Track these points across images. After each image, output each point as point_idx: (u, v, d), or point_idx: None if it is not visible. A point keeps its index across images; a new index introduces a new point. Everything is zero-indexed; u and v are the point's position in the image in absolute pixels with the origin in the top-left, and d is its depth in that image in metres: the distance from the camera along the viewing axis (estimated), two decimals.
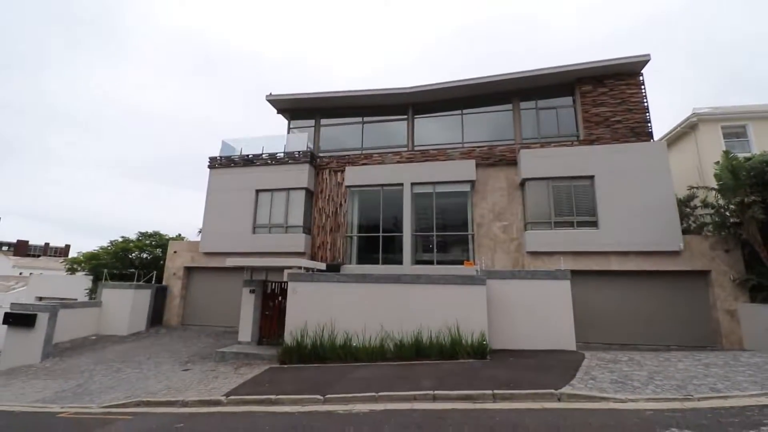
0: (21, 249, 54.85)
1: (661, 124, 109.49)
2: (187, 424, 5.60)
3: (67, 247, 64.02)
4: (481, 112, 15.29)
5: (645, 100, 13.69)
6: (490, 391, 5.98)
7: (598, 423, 4.63)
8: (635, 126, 13.50)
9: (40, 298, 17.17)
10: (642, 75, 13.73)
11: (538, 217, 13.03)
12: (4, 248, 56.32)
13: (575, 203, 12.82)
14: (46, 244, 63.95)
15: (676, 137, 16.29)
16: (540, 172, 13.14)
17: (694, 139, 15.49)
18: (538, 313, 9.71)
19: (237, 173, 15.93)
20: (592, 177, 12.73)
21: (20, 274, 33.58)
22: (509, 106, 14.92)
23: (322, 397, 6.47)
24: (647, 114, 13.60)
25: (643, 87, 13.67)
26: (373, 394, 6.33)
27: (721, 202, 12.06)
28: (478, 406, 5.64)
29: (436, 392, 6.13)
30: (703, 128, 15.04)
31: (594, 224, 12.48)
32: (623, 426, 4.46)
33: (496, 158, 14.16)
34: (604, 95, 13.82)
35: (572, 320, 9.67)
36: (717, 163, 11.68)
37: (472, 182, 13.95)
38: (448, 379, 6.90)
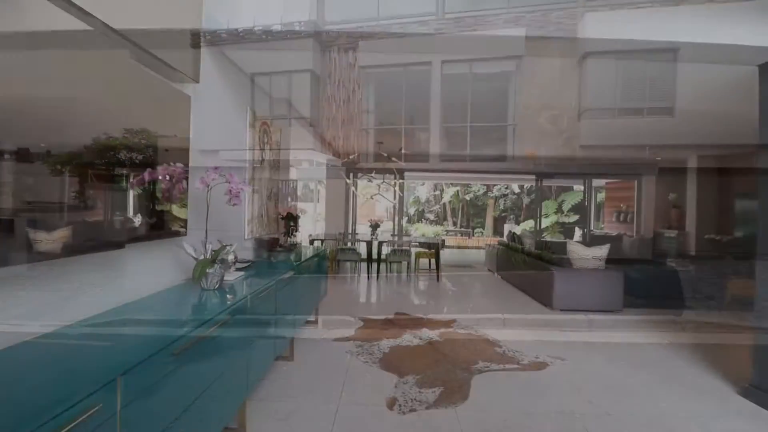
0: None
1: None
2: None
3: None
4: None
5: None
6: None
7: None
8: None
9: None
10: None
11: (599, 104, 10.59)
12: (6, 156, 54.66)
13: (649, 85, 10.26)
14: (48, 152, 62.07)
15: None
16: (608, 44, 10.29)
17: None
18: None
19: (225, 53, 13.03)
20: (676, 50, 9.97)
21: None
22: None
23: None
24: None
25: None
26: None
27: None
28: None
29: None
30: None
31: (669, 111, 10.11)
32: None
33: (551, 27, 11.08)
34: None
35: None
36: None
37: (518, 59, 11.17)
38: None
